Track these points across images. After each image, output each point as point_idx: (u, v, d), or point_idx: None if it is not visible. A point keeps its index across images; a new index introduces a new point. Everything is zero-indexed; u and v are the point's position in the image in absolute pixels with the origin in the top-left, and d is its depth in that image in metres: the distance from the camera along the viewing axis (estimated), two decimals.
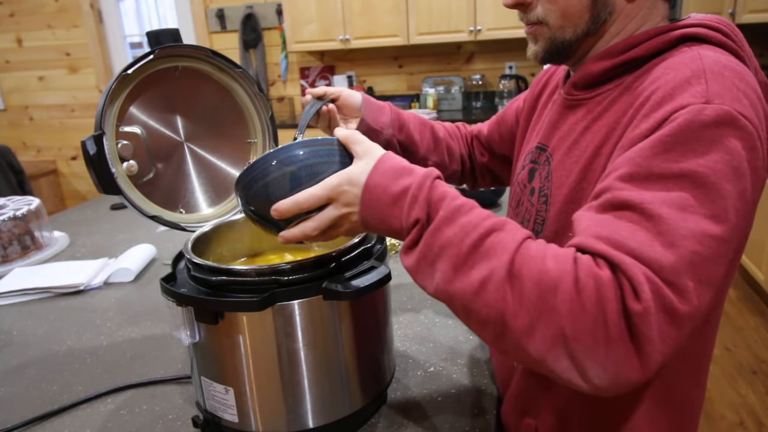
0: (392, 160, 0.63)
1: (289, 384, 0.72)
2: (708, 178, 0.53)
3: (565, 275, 0.51)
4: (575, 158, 0.71)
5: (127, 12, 4.55)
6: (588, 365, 0.50)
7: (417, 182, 0.60)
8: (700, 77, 0.57)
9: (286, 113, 4.39)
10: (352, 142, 0.65)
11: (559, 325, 0.50)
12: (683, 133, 0.54)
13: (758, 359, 2.54)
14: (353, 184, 0.62)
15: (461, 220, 0.57)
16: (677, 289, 0.50)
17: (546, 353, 0.51)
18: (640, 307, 0.49)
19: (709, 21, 0.66)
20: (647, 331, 0.49)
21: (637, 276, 0.49)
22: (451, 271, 0.56)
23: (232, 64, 0.93)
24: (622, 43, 0.68)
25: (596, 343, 0.49)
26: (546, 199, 0.75)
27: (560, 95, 0.79)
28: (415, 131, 1.03)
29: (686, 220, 0.52)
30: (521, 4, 0.71)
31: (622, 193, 0.55)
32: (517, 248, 0.54)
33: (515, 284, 0.52)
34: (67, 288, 1.31)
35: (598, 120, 0.69)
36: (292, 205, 0.63)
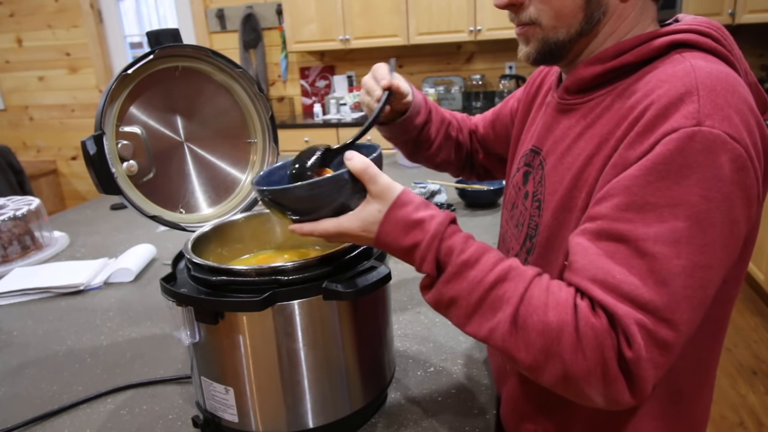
0: (404, 209, 0.65)
1: (289, 384, 0.72)
2: (699, 207, 0.56)
3: (566, 326, 0.57)
4: (567, 165, 0.71)
5: (127, 12, 4.55)
6: (591, 395, 0.58)
7: (426, 241, 0.64)
8: (693, 94, 0.57)
9: (286, 113, 4.39)
10: (366, 179, 0.65)
11: (563, 367, 0.57)
12: (675, 161, 0.56)
13: (758, 359, 2.54)
14: (366, 231, 0.66)
15: (469, 274, 0.63)
16: (671, 324, 0.56)
17: (554, 385, 0.60)
18: (632, 354, 0.55)
19: (699, 26, 0.66)
20: (640, 372, 0.55)
21: (630, 326, 0.55)
22: (463, 318, 0.64)
23: (232, 64, 0.93)
24: (613, 49, 0.68)
25: (597, 382, 0.57)
26: (539, 204, 0.75)
27: (554, 98, 0.79)
28: (434, 131, 1.01)
29: (678, 255, 0.56)
30: (513, 5, 0.70)
31: (617, 225, 0.58)
32: (521, 300, 0.60)
33: (521, 334, 0.59)
34: (67, 288, 1.31)
35: (590, 128, 0.69)
36: (307, 231, 0.67)
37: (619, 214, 0.58)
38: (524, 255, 0.77)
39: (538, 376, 0.60)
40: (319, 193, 0.65)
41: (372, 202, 0.65)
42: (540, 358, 0.58)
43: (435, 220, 0.64)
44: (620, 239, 0.58)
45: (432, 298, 0.66)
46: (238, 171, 0.99)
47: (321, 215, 0.67)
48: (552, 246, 0.72)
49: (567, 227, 0.69)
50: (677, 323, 0.56)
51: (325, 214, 0.66)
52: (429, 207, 0.66)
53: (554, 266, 0.71)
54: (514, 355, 0.60)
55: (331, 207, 0.66)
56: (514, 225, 0.82)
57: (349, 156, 0.66)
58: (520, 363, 0.60)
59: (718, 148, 0.55)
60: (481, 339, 0.63)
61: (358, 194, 0.66)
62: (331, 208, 0.66)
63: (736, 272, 0.67)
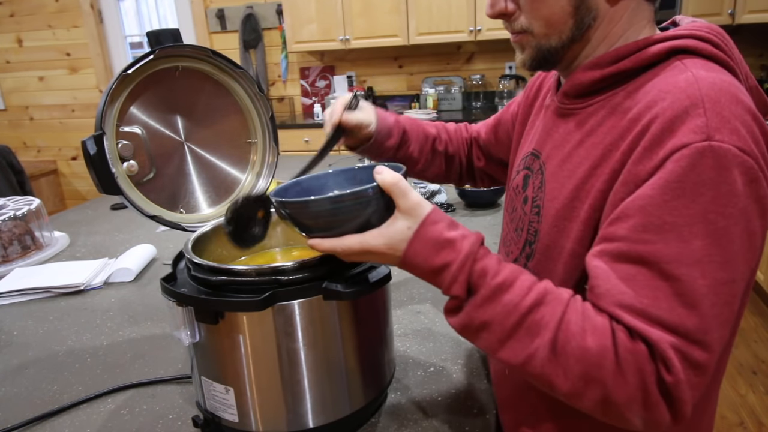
0: (435, 227, 0.62)
1: (289, 384, 0.72)
2: (717, 223, 0.55)
3: (606, 352, 0.56)
4: (568, 173, 0.70)
5: (127, 12, 4.55)
6: (631, 419, 0.58)
7: (459, 262, 0.61)
8: (698, 107, 0.57)
9: (286, 113, 4.39)
10: (396, 194, 0.62)
11: (604, 393, 0.57)
12: (689, 178, 0.56)
13: (758, 359, 2.54)
14: (393, 249, 0.63)
15: (503, 298, 0.60)
16: (704, 345, 0.56)
17: (593, 410, 0.59)
18: (672, 378, 0.55)
19: (699, 31, 0.65)
20: (680, 394, 0.55)
21: (666, 351, 0.55)
22: (496, 343, 0.61)
23: (233, 64, 0.93)
24: (611, 54, 0.67)
25: (638, 406, 0.57)
26: (538, 210, 0.75)
27: (553, 102, 0.79)
28: (415, 149, 1.01)
29: (703, 275, 0.55)
30: (505, 15, 0.71)
31: (637, 247, 0.57)
32: (559, 325, 0.58)
33: (560, 361, 0.58)
34: (67, 288, 1.31)
35: (591, 135, 0.69)
36: (328, 248, 0.65)
37: (638, 236, 0.57)
38: (524, 260, 0.77)
39: (576, 402, 0.59)
40: (342, 208, 0.62)
41: (400, 218, 0.63)
42: (579, 385, 0.58)
43: (467, 240, 0.62)
44: (642, 262, 0.57)
45: (460, 322, 0.63)
46: (238, 171, 0.99)
47: (343, 231, 0.64)
48: (551, 254, 0.72)
49: (567, 236, 0.69)
50: (710, 343, 0.56)
51: (347, 230, 0.63)
52: (459, 226, 0.64)
53: (553, 274, 0.71)
54: (552, 381, 0.59)
55: (354, 223, 0.63)
56: (513, 229, 0.82)
57: (380, 170, 0.63)
58: (557, 389, 0.59)
59: (729, 163, 0.55)
60: (517, 365, 0.61)
61: (382, 210, 0.64)
62: (353, 225, 0.63)
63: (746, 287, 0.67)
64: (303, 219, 0.65)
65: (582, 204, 0.67)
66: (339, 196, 0.62)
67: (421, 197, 0.64)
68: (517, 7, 0.69)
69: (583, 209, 0.67)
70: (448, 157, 1.06)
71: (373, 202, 0.63)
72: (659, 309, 0.56)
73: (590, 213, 0.66)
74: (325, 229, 0.64)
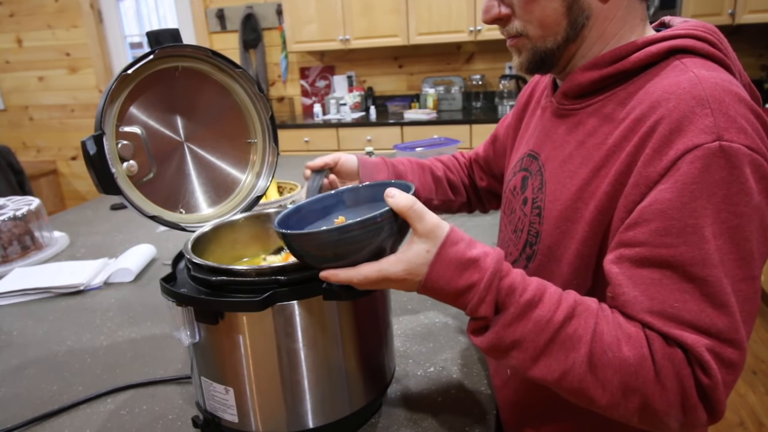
0: (455, 247, 0.59)
1: (289, 384, 0.72)
2: (732, 222, 0.56)
3: (644, 360, 0.56)
4: (569, 173, 0.70)
5: (127, 12, 4.55)
6: (669, 423, 0.58)
7: (485, 281, 0.59)
8: (705, 107, 0.58)
9: (286, 113, 4.39)
10: (412, 218, 0.60)
11: (643, 400, 0.57)
12: (704, 179, 0.56)
13: (758, 359, 2.54)
14: (413, 274, 0.60)
15: (534, 315, 0.59)
16: (735, 344, 0.57)
17: (630, 418, 0.59)
18: (710, 381, 0.55)
19: (696, 30, 0.66)
20: (717, 396, 0.56)
21: (703, 354, 0.55)
22: (529, 361, 0.60)
23: (232, 64, 0.93)
24: (610, 54, 0.68)
25: (676, 411, 0.57)
26: (539, 211, 0.75)
27: (550, 103, 0.79)
28: (414, 180, 1.02)
29: (727, 274, 0.56)
30: (499, 19, 0.71)
31: (660, 251, 0.58)
32: (593, 337, 0.58)
33: (597, 374, 0.58)
34: (67, 288, 1.31)
35: (592, 136, 0.69)
36: (344, 279, 0.61)
37: (659, 240, 0.57)
38: (524, 262, 0.77)
39: (614, 412, 0.59)
40: (352, 237, 0.58)
41: (418, 242, 0.60)
42: (618, 396, 0.57)
43: (491, 258, 0.60)
44: (666, 265, 0.57)
45: (488, 342, 0.61)
46: (238, 171, 0.99)
47: (356, 260, 0.61)
48: (554, 255, 0.72)
49: (571, 237, 0.69)
50: (740, 341, 0.57)
51: (360, 258, 0.60)
52: (479, 244, 0.62)
53: (556, 275, 0.71)
54: (591, 395, 0.58)
55: (366, 251, 0.60)
56: (512, 230, 0.82)
57: (391, 193, 0.60)
58: (596, 402, 0.59)
59: (740, 162, 0.56)
60: (552, 381, 0.59)
61: (396, 234, 0.61)
62: (366, 252, 0.60)
63: None
64: (312, 251, 0.62)
65: (586, 205, 0.67)
66: (348, 226, 0.58)
67: (438, 217, 0.61)
68: (511, 12, 0.70)
69: (587, 210, 0.67)
70: (451, 184, 1.07)
71: (386, 228, 0.60)
72: (690, 312, 0.56)
73: (595, 214, 0.66)
74: (336, 259, 0.61)
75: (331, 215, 0.76)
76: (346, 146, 3.81)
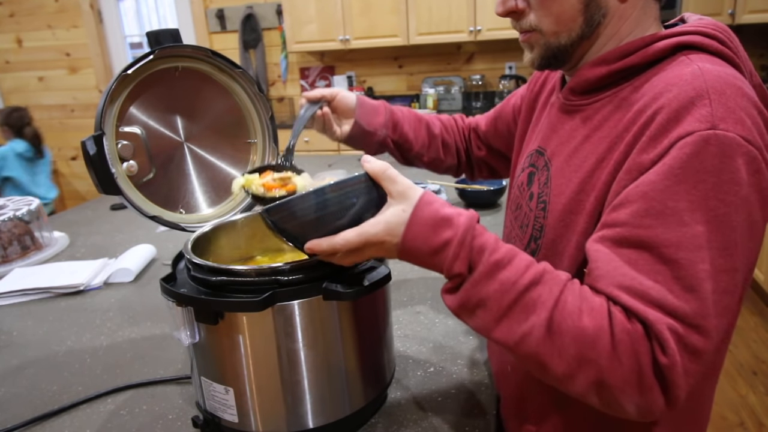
0: (430, 207, 0.62)
1: (289, 384, 0.72)
2: (718, 210, 0.55)
3: (602, 332, 0.56)
4: (575, 167, 0.70)
5: (127, 12, 4.56)
6: (625, 404, 0.57)
7: (459, 237, 0.60)
8: (704, 97, 0.57)
9: (286, 113, 4.39)
10: (386, 180, 0.62)
11: (598, 374, 0.56)
12: (692, 165, 0.56)
13: (758, 359, 2.54)
14: (391, 234, 0.62)
15: (501, 275, 0.60)
16: (702, 331, 0.55)
17: (586, 394, 0.58)
18: (667, 360, 0.54)
19: (705, 28, 0.65)
20: (675, 378, 0.55)
21: (663, 332, 0.54)
22: (492, 322, 0.61)
23: (232, 64, 0.93)
24: (618, 50, 0.68)
25: (631, 389, 0.56)
26: (544, 206, 0.75)
27: (558, 99, 0.79)
28: (409, 130, 1.03)
29: (703, 260, 0.55)
30: (514, 12, 0.71)
31: (638, 231, 0.58)
32: (555, 304, 0.58)
33: (555, 339, 0.58)
34: (67, 288, 1.31)
35: (598, 130, 0.69)
36: (327, 247, 0.63)
37: (639, 221, 0.58)
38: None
39: (570, 385, 0.59)
40: (329, 200, 0.60)
41: (394, 203, 0.62)
42: (573, 366, 0.57)
43: (464, 216, 0.62)
44: (642, 246, 0.57)
45: (458, 301, 0.63)
46: (238, 171, 0.99)
47: (336, 228, 0.62)
48: (557, 248, 0.72)
49: (573, 230, 0.69)
50: (708, 329, 0.55)
51: (340, 226, 0.62)
52: (451, 205, 0.64)
53: (558, 268, 0.71)
54: (547, 362, 0.58)
55: (346, 218, 0.61)
56: (518, 226, 0.82)
57: (366, 159, 0.63)
58: (551, 370, 0.58)
59: (733, 152, 0.56)
60: (511, 344, 0.60)
61: (373, 201, 0.62)
62: (346, 220, 0.62)
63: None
64: (292, 222, 0.63)
65: (588, 197, 0.67)
66: (323, 188, 0.60)
67: (411, 182, 0.63)
68: (527, 5, 0.69)
69: (588, 202, 0.67)
70: (445, 144, 1.07)
71: (363, 192, 0.61)
72: (658, 292, 0.56)
73: (595, 205, 0.66)
74: (317, 228, 0.62)
75: None
76: (346, 146, 3.80)
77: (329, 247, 0.62)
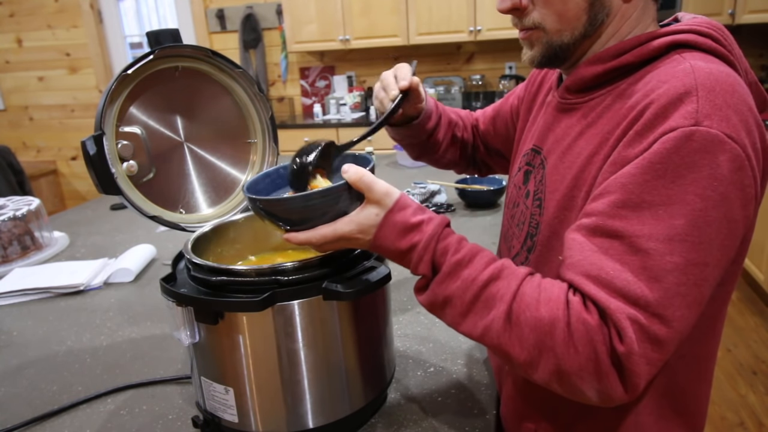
0: (402, 212, 0.66)
1: (289, 384, 0.72)
2: (695, 205, 0.56)
3: (558, 321, 0.58)
4: (568, 164, 0.71)
5: (127, 12, 4.55)
6: (584, 390, 0.59)
7: (424, 242, 0.65)
8: (692, 94, 0.58)
9: (286, 113, 4.39)
10: (364, 188, 0.66)
11: (556, 362, 0.58)
12: (671, 159, 0.56)
13: (758, 359, 2.54)
14: (363, 232, 0.66)
15: (462, 273, 0.64)
16: (664, 320, 0.56)
17: (548, 381, 0.60)
18: (623, 348, 0.56)
19: (699, 26, 0.66)
20: (632, 366, 0.56)
21: (622, 321, 0.56)
22: (458, 317, 0.65)
23: (232, 64, 0.93)
24: (613, 49, 0.68)
25: (589, 376, 0.58)
26: (540, 203, 0.75)
27: (554, 98, 0.79)
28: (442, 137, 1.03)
29: (672, 252, 0.56)
30: (517, 9, 0.70)
31: (613, 222, 0.59)
32: (513, 297, 0.61)
33: (514, 330, 0.60)
34: (67, 288, 1.31)
35: (591, 127, 0.69)
36: (303, 240, 0.67)
37: (615, 211, 0.59)
38: (525, 254, 0.78)
39: (532, 373, 0.61)
40: (315, 204, 0.66)
41: (369, 206, 0.66)
42: (534, 354, 0.59)
43: (432, 223, 0.66)
44: (615, 235, 0.58)
45: (426, 299, 0.67)
46: (238, 171, 0.99)
47: (316, 224, 0.67)
48: (553, 245, 0.72)
49: (567, 225, 0.69)
50: (670, 319, 0.56)
51: (320, 223, 0.67)
52: (425, 211, 0.67)
53: (554, 265, 0.71)
54: (509, 352, 0.61)
55: (327, 217, 0.66)
56: (515, 224, 0.83)
57: (345, 169, 0.67)
58: (514, 360, 0.61)
59: (715, 148, 0.56)
60: (476, 337, 0.64)
61: (354, 201, 0.67)
62: (326, 218, 0.67)
63: (732, 269, 0.67)
64: (278, 215, 0.68)
65: (580, 192, 0.68)
66: (311, 194, 0.66)
67: (389, 186, 0.67)
68: (531, 2, 0.69)
69: (580, 197, 0.68)
70: (463, 144, 1.08)
71: (343, 197, 0.66)
72: (623, 281, 0.57)
73: (586, 200, 0.66)
74: (299, 223, 0.67)
75: None
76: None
77: (306, 239, 0.67)
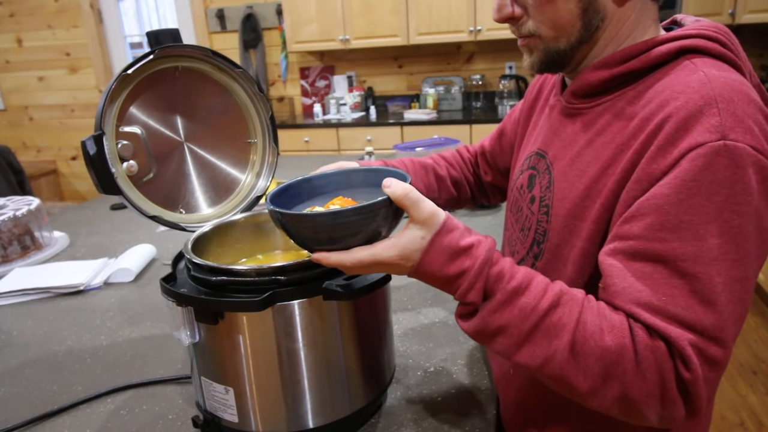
0: (451, 235, 0.61)
1: (289, 384, 0.72)
2: (732, 222, 0.56)
3: (625, 350, 0.57)
4: (578, 172, 0.70)
5: (127, 12, 4.55)
6: (648, 415, 0.58)
7: (476, 269, 0.60)
8: (712, 106, 0.58)
9: (286, 113, 4.39)
10: (408, 207, 0.60)
11: (623, 390, 0.57)
12: (704, 177, 0.56)
13: (758, 359, 2.54)
14: (406, 259, 0.61)
15: (519, 302, 0.60)
16: (720, 342, 0.56)
17: (609, 408, 0.60)
18: (690, 375, 0.56)
19: (707, 31, 0.65)
20: (697, 391, 0.56)
21: (685, 348, 0.55)
22: (513, 347, 0.61)
23: (232, 64, 0.93)
24: (620, 54, 0.68)
25: (655, 402, 0.57)
26: (547, 210, 0.75)
27: (559, 101, 0.79)
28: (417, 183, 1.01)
29: (719, 273, 0.56)
30: (512, 19, 0.71)
31: (653, 245, 0.58)
32: (576, 326, 0.59)
33: (579, 361, 0.58)
34: (67, 288, 1.31)
35: (600, 135, 0.69)
36: (335, 263, 0.62)
37: (654, 234, 0.58)
38: (531, 260, 0.77)
39: (593, 400, 0.60)
40: (347, 222, 0.59)
41: (414, 228, 0.61)
42: (598, 383, 0.58)
43: (482, 246, 0.61)
44: (657, 260, 0.58)
45: (474, 327, 0.63)
46: (238, 171, 0.99)
47: (350, 245, 0.61)
48: (561, 253, 0.72)
49: (578, 235, 0.69)
50: (725, 340, 0.57)
51: (354, 243, 0.61)
52: (472, 233, 0.63)
53: (562, 273, 0.71)
54: (571, 382, 0.59)
55: (360, 236, 0.60)
56: (519, 229, 0.82)
57: (388, 183, 0.61)
58: (576, 389, 0.60)
59: (744, 162, 0.56)
60: (534, 367, 0.61)
61: (390, 221, 0.62)
62: (360, 237, 0.61)
63: None
64: (305, 233, 0.62)
65: (593, 203, 0.67)
66: (343, 211, 0.59)
67: (434, 205, 0.62)
68: (525, 12, 0.69)
69: (594, 208, 0.67)
70: (454, 181, 1.06)
71: (381, 215, 0.60)
72: (677, 306, 0.56)
73: (601, 212, 0.66)
74: (330, 243, 0.61)
75: (322, 196, 0.75)
76: (346, 146, 3.81)
77: (338, 262, 0.61)
